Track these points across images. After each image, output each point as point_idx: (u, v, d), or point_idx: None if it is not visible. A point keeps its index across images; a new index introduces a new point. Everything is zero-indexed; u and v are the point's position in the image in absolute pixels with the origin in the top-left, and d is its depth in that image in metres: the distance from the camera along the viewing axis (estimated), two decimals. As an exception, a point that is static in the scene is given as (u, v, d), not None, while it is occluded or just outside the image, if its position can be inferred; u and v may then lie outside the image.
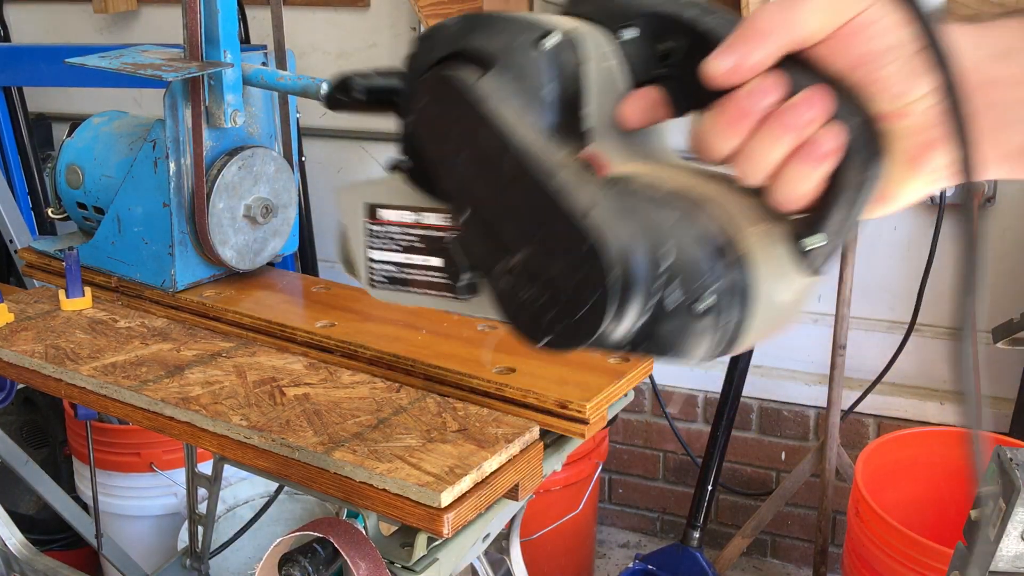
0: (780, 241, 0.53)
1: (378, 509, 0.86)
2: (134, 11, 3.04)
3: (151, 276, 1.30)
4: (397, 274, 0.71)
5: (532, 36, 0.57)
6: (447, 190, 0.61)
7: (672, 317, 0.52)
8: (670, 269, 0.51)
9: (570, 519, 2.37)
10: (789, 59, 0.50)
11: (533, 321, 0.55)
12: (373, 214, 0.71)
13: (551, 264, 0.54)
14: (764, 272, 0.53)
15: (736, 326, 0.53)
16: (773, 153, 0.50)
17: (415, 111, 0.61)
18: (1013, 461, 1.07)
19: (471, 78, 0.58)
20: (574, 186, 0.53)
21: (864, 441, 2.46)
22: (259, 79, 1.27)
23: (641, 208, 0.52)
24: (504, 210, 0.56)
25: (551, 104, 0.57)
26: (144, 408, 1.03)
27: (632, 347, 0.53)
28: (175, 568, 1.90)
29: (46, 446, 2.61)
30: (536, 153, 0.54)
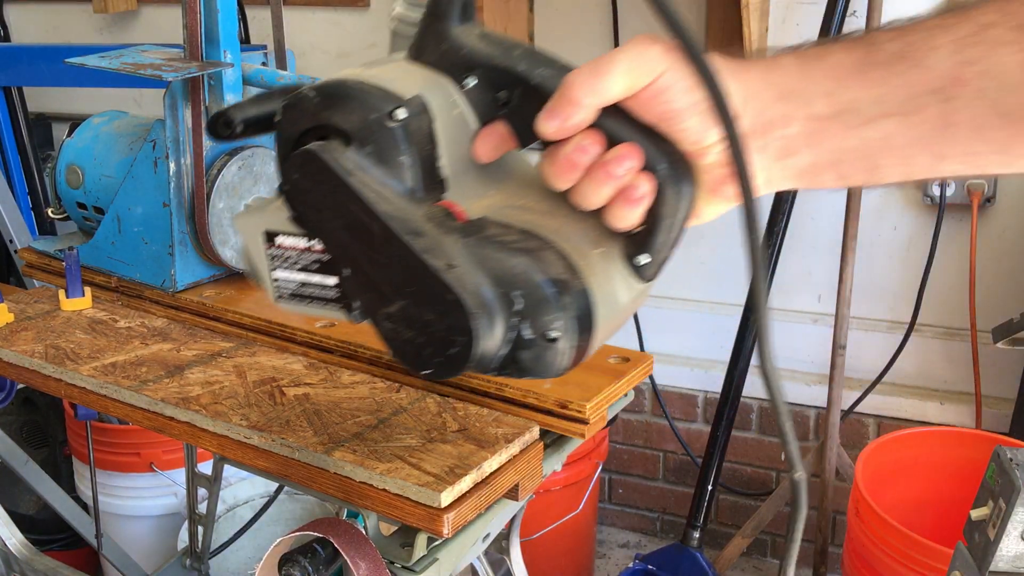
0: (616, 260, 0.65)
1: (378, 509, 0.86)
2: (134, 11, 3.04)
3: (151, 276, 1.30)
4: (298, 291, 0.77)
5: (384, 110, 0.64)
6: (327, 249, 0.69)
7: (529, 345, 0.62)
8: (522, 309, 0.61)
9: (570, 519, 2.37)
10: (610, 110, 0.60)
11: (415, 356, 0.65)
12: (271, 240, 0.76)
13: (424, 312, 0.63)
14: (603, 293, 0.64)
15: (584, 341, 0.64)
16: (599, 196, 0.61)
17: (289, 183, 0.67)
18: (1013, 461, 1.07)
19: (335, 153, 0.64)
20: (436, 244, 0.62)
21: (864, 441, 2.46)
22: (259, 79, 1.27)
23: (494, 256, 0.62)
24: (379, 268, 0.64)
25: (409, 167, 0.65)
26: (144, 408, 1.03)
27: (499, 372, 0.64)
28: (175, 568, 1.90)
29: (46, 446, 2.61)
30: (400, 218, 0.63)
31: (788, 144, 0.58)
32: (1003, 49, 0.53)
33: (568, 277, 0.62)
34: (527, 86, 0.63)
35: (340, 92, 0.66)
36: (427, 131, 0.65)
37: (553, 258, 0.63)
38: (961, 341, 2.34)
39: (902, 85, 0.56)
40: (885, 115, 0.56)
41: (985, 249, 2.28)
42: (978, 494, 1.12)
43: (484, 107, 0.67)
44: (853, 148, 0.58)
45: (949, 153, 0.56)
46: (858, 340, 2.41)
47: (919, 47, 0.55)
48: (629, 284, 0.66)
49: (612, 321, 0.66)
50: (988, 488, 1.10)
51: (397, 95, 0.65)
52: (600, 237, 0.65)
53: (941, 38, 0.55)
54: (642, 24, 2.44)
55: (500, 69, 0.65)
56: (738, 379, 2.27)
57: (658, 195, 0.61)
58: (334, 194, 0.64)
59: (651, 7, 0.56)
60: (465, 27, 0.67)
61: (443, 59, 0.67)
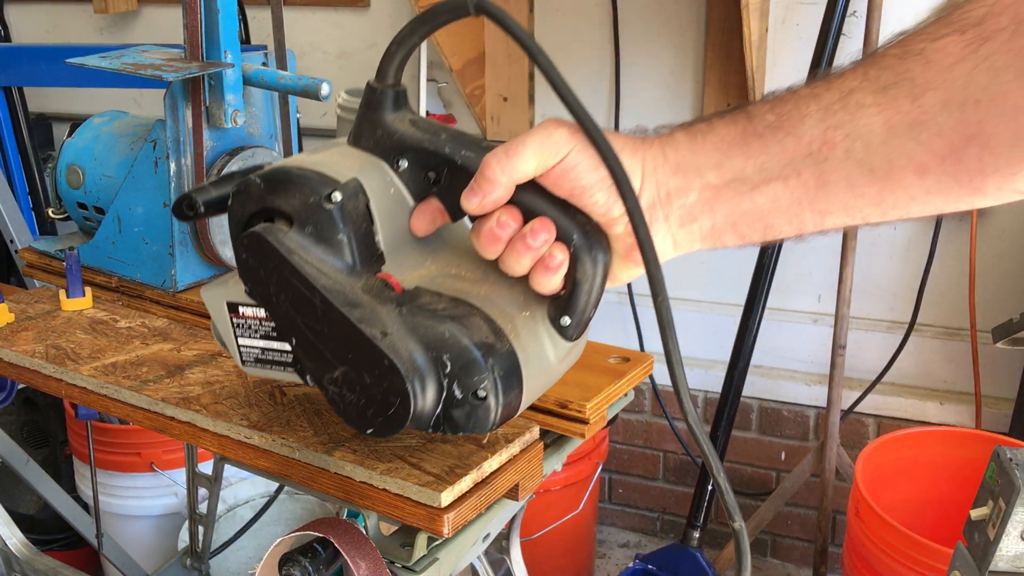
0: (541, 322, 0.72)
1: (378, 509, 0.86)
2: (134, 11, 3.04)
3: (151, 276, 1.30)
4: (261, 356, 0.85)
5: (322, 193, 0.70)
6: (274, 321, 0.75)
7: (460, 404, 0.69)
8: (451, 371, 0.68)
9: (570, 519, 2.37)
10: (526, 187, 0.67)
11: (358, 417, 0.71)
12: (235, 310, 0.84)
13: (363, 376, 0.69)
14: (528, 353, 0.71)
15: (513, 397, 0.70)
16: (521, 265, 0.68)
17: (239, 261, 0.74)
18: (1013, 461, 1.07)
19: (279, 234, 0.71)
20: (372, 314, 0.69)
21: (864, 441, 2.46)
22: (259, 79, 1.27)
23: (425, 324, 0.69)
24: (321, 338, 0.71)
25: (347, 244, 0.71)
26: (145, 408, 1.03)
27: (435, 428, 0.71)
28: (175, 568, 1.90)
29: (46, 446, 2.61)
30: (338, 291, 0.69)
31: (688, 212, 0.65)
32: (865, 111, 0.59)
33: (494, 340, 0.69)
34: (453, 166, 0.70)
35: (283, 178, 0.72)
36: (363, 211, 0.72)
37: (480, 323, 0.69)
38: (961, 341, 2.34)
39: (779, 152, 0.62)
40: (768, 180, 0.63)
41: (985, 249, 2.28)
42: (978, 494, 1.12)
43: (417, 186, 0.73)
44: (746, 211, 0.64)
45: (830, 210, 0.62)
46: (858, 340, 2.41)
47: (792, 116, 0.62)
48: (556, 343, 0.73)
49: (541, 378, 0.73)
50: (988, 488, 1.10)
51: (334, 179, 0.71)
52: (527, 302, 0.72)
53: (811, 106, 0.61)
54: (642, 24, 2.44)
55: (429, 151, 0.71)
56: (738, 379, 2.27)
57: (575, 263, 0.68)
58: (279, 271, 0.71)
59: (555, 92, 0.65)
60: (397, 114, 0.74)
61: (378, 144, 0.74)
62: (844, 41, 2.17)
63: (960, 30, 0.57)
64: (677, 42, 2.43)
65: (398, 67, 0.73)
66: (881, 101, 0.58)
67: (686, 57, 2.43)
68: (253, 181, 0.73)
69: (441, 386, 0.69)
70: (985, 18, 0.56)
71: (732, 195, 0.64)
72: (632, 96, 2.50)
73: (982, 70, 0.55)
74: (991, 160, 0.56)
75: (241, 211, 0.75)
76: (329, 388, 0.72)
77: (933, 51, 0.57)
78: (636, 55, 2.48)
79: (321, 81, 1.21)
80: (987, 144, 0.56)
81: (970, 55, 0.56)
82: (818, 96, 0.61)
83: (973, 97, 0.55)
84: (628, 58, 2.48)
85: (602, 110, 2.54)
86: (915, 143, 0.58)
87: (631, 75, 2.49)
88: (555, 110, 2.57)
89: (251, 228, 0.72)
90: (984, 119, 0.55)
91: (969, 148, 0.56)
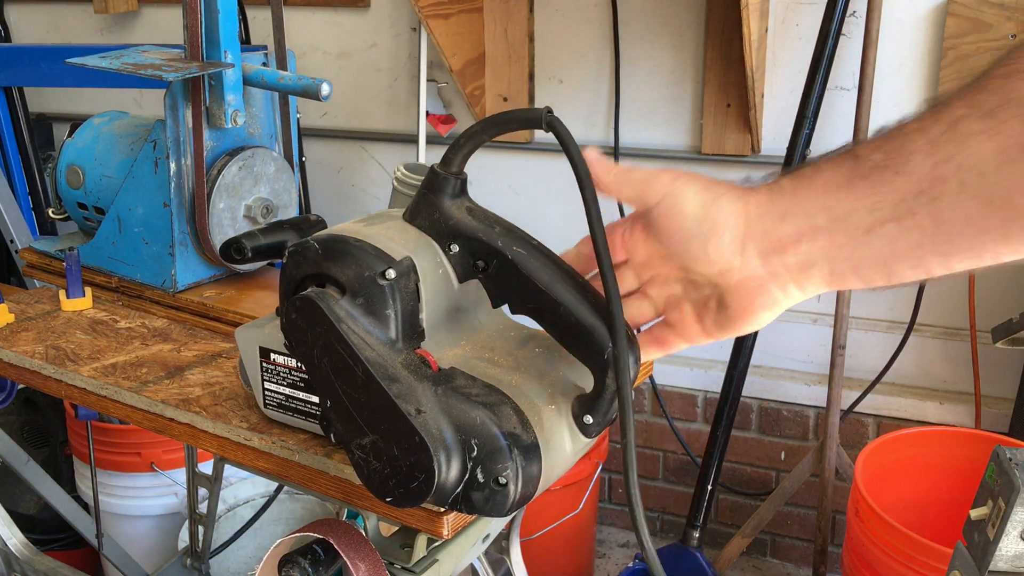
0: (565, 416, 0.75)
1: (378, 510, 0.86)
2: (134, 11, 3.04)
3: (151, 276, 1.30)
4: (285, 403, 0.90)
5: (377, 269, 0.74)
6: (312, 381, 0.77)
7: (481, 488, 0.72)
8: (477, 456, 0.71)
9: (570, 519, 2.37)
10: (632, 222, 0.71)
11: (380, 485, 0.74)
12: (267, 356, 0.88)
13: (392, 448, 0.72)
14: (550, 446, 0.74)
15: (531, 487, 0.73)
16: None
17: (287, 319, 0.77)
18: (1012, 461, 1.07)
19: (330, 301, 0.74)
20: (409, 390, 0.72)
21: (864, 441, 2.46)
22: (259, 79, 1.27)
23: (459, 407, 0.72)
24: (357, 404, 0.73)
25: (394, 319, 0.75)
26: (144, 409, 1.03)
27: (452, 506, 0.74)
28: (175, 568, 1.90)
29: (47, 446, 2.61)
30: (380, 364, 0.73)
31: (806, 259, 0.63)
32: (974, 139, 0.55)
33: (520, 431, 0.72)
34: (504, 259, 0.74)
35: (341, 248, 0.76)
36: (413, 289, 0.76)
37: (509, 412, 0.73)
38: (961, 341, 2.34)
39: (889, 192, 0.59)
40: (881, 222, 0.59)
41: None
42: (977, 494, 1.12)
43: (464, 270, 0.77)
44: (864, 256, 0.61)
45: (952, 250, 0.58)
46: (858, 340, 2.41)
47: (899, 154, 0.58)
48: (575, 438, 0.76)
49: (556, 468, 0.76)
50: (987, 488, 1.10)
51: (389, 256, 0.75)
52: (554, 395, 0.76)
53: (918, 141, 0.58)
54: (642, 25, 2.44)
55: (482, 241, 0.75)
56: (738, 379, 2.27)
57: (602, 371, 0.71)
58: (325, 336, 0.74)
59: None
60: (455, 201, 0.77)
61: (433, 225, 0.77)
62: (844, 41, 2.17)
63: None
64: (677, 42, 2.43)
65: (463, 158, 0.76)
66: (991, 126, 0.55)
67: (686, 57, 2.43)
68: (312, 246, 0.77)
69: (465, 468, 0.72)
70: None
71: (846, 241, 0.61)
72: (632, 96, 2.50)
73: None
74: None
75: (295, 271, 0.78)
76: (356, 452, 0.75)
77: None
78: (636, 55, 2.48)
79: (321, 81, 1.21)
80: None
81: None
82: (925, 129, 0.58)
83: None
84: (628, 58, 2.48)
85: (602, 110, 2.54)
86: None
87: (631, 75, 2.49)
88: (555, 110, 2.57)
89: (303, 291, 0.76)
90: None
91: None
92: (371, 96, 2.78)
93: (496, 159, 2.67)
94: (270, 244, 0.85)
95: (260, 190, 1.33)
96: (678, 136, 2.49)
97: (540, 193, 2.66)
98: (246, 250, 0.84)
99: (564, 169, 1.91)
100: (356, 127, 2.83)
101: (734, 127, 2.38)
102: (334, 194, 2.91)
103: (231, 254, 0.85)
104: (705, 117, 2.41)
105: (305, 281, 0.78)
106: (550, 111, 0.73)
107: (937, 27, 2.18)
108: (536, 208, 2.65)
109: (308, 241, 0.77)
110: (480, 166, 2.68)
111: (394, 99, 2.76)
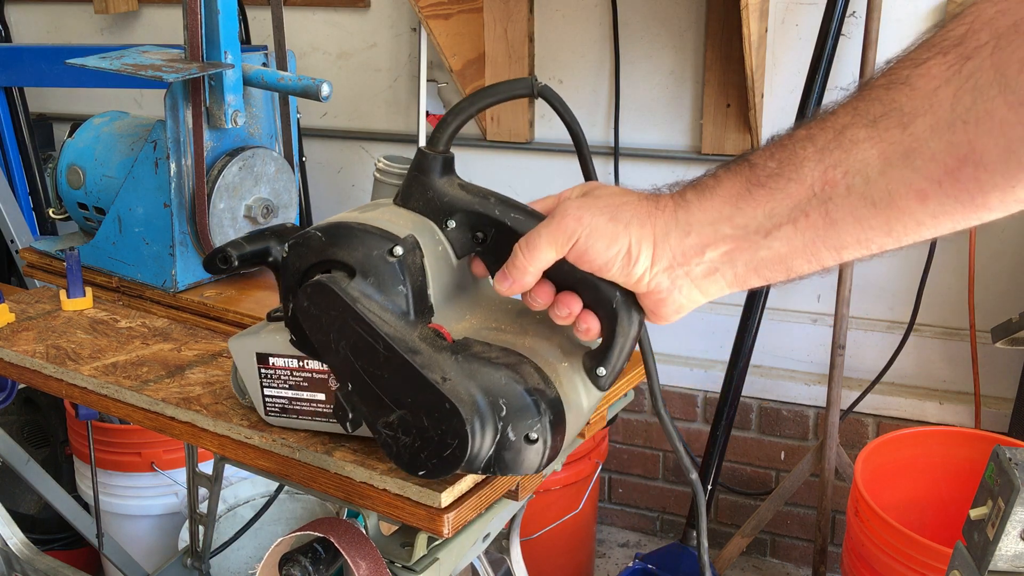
0: (579, 371, 0.78)
1: (378, 509, 0.87)
2: (135, 12, 3.04)
3: (152, 276, 1.31)
4: (288, 406, 0.90)
5: (385, 248, 0.75)
6: (331, 367, 0.78)
7: (512, 447, 0.73)
8: (507, 415, 0.72)
9: (570, 519, 2.37)
10: (557, 265, 0.72)
11: (411, 460, 0.74)
12: (265, 361, 0.88)
13: (421, 419, 0.72)
14: (570, 400, 0.76)
15: (557, 441, 0.74)
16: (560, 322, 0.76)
17: (299, 310, 0.77)
18: (1012, 461, 1.07)
19: (343, 283, 0.75)
20: (431, 360, 0.73)
21: (863, 441, 2.46)
22: (259, 80, 1.27)
23: (481, 370, 0.73)
24: (380, 382, 0.74)
25: (405, 295, 0.76)
26: (145, 408, 1.03)
27: (485, 470, 0.74)
28: (176, 567, 1.90)
29: (47, 446, 2.61)
30: (400, 338, 0.73)
31: (709, 266, 0.69)
32: (860, 146, 0.60)
33: (544, 387, 0.74)
34: (503, 227, 0.76)
35: (345, 232, 0.77)
36: (419, 265, 0.77)
37: (531, 370, 0.74)
38: (960, 341, 2.34)
39: (785, 198, 0.64)
40: (779, 226, 0.65)
41: (984, 249, 2.28)
42: (977, 494, 1.12)
43: (462, 245, 0.79)
44: (764, 258, 0.67)
45: (844, 244, 0.65)
46: (857, 340, 2.41)
47: (791, 161, 0.64)
48: (589, 392, 0.79)
49: (577, 423, 0.78)
50: (987, 488, 1.10)
51: (394, 235, 0.76)
52: (565, 353, 0.78)
53: (808, 149, 0.63)
54: (642, 25, 2.45)
55: (479, 214, 0.77)
56: (738, 379, 2.27)
57: (612, 321, 0.73)
58: (342, 319, 0.74)
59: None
60: (446, 179, 0.79)
61: (428, 205, 0.79)
62: (843, 41, 2.17)
63: (943, 51, 0.57)
64: (677, 42, 2.43)
65: (450, 136, 0.78)
66: (874, 134, 0.60)
67: (686, 57, 2.43)
68: (314, 234, 0.78)
69: (496, 429, 0.73)
70: (966, 36, 0.56)
71: (748, 245, 0.67)
72: (632, 96, 2.50)
73: (966, 90, 0.55)
74: (987, 177, 0.56)
75: (299, 262, 0.79)
76: (383, 432, 0.75)
77: (917, 77, 0.58)
78: (636, 55, 2.48)
79: (321, 81, 1.21)
80: (980, 162, 0.56)
81: (954, 76, 0.56)
82: (813, 137, 0.63)
83: (960, 118, 0.56)
84: (628, 58, 2.48)
85: (602, 110, 2.54)
86: (911, 171, 0.59)
87: (631, 75, 2.49)
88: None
89: (311, 279, 0.76)
90: (973, 138, 0.56)
91: (964, 168, 0.57)
92: (371, 96, 2.78)
93: (496, 159, 2.67)
94: (256, 251, 0.86)
95: (260, 190, 1.33)
96: (678, 136, 2.49)
97: (540, 193, 2.65)
98: (232, 259, 0.85)
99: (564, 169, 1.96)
100: (356, 127, 2.83)
101: (734, 127, 2.39)
102: (334, 194, 2.91)
103: (217, 264, 0.86)
104: (705, 117, 2.41)
105: (311, 270, 0.78)
106: (536, 78, 0.75)
107: (937, 27, 2.18)
108: (536, 208, 2.65)
109: (310, 231, 0.78)
110: (480, 166, 2.69)
111: (394, 99, 2.76)
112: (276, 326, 0.87)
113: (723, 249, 0.68)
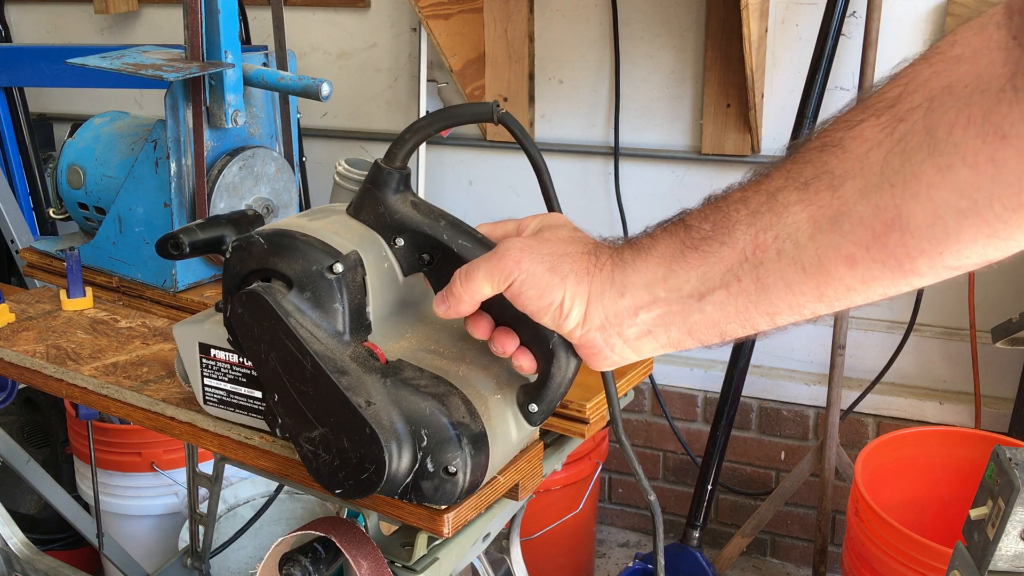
0: (511, 405, 0.77)
1: (379, 509, 0.86)
2: (135, 11, 3.04)
3: (152, 276, 1.31)
4: (226, 398, 0.88)
5: (324, 264, 0.74)
6: (259, 375, 0.77)
7: (431, 477, 0.73)
8: (427, 446, 0.72)
9: (570, 519, 2.37)
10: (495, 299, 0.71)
11: (329, 477, 0.74)
12: (207, 352, 0.86)
13: (342, 440, 0.72)
14: (497, 434, 0.75)
15: (479, 475, 0.75)
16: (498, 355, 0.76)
17: (233, 314, 0.76)
18: (1012, 461, 1.07)
19: (278, 295, 0.74)
20: (358, 383, 0.72)
21: (864, 441, 2.46)
22: (260, 79, 1.27)
23: (408, 398, 0.73)
24: (305, 398, 0.73)
25: (341, 313, 0.75)
26: (145, 408, 1.03)
27: (403, 497, 0.75)
28: (176, 567, 1.90)
29: (47, 446, 2.61)
30: (329, 357, 0.73)
31: (642, 328, 0.68)
32: (791, 210, 0.59)
33: (469, 421, 0.73)
34: (449, 252, 0.75)
35: (287, 243, 0.76)
36: (360, 283, 0.76)
37: (458, 403, 0.74)
38: (960, 341, 2.34)
39: (717, 262, 0.63)
40: (712, 290, 0.64)
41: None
42: (977, 494, 1.12)
43: (409, 264, 0.78)
44: (697, 322, 0.66)
45: (777, 310, 0.63)
46: (857, 340, 2.41)
47: (724, 224, 0.63)
48: (520, 426, 0.78)
49: (503, 456, 0.78)
50: (987, 488, 1.10)
51: (336, 250, 0.75)
52: (500, 384, 0.77)
53: (741, 212, 0.62)
54: (642, 25, 2.45)
55: (427, 235, 0.76)
56: (738, 379, 2.27)
57: (550, 359, 0.73)
58: (273, 331, 0.74)
59: None
60: (399, 195, 0.78)
61: (378, 220, 0.78)
62: (843, 41, 2.17)
63: (876, 113, 0.56)
64: (677, 43, 2.43)
65: (408, 152, 0.77)
66: (804, 197, 0.58)
67: (686, 57, 2.43)
68: (257, 240, 0.76)
69: (415, 458, 0.73)
70: (900, 98, 0.55)
71: (681, 309, 0.66)
72: (632, 96, 2.50)
73: (896, 153, 0.54)
74: (914, 243, 0.55)
75: (240, 266, 0.78)
76: (304, 446, 0.74)
77: (850, 139, 0.56)
78: (636, 55, 2.48)
79: (321, 81, 1.21)
80: (907, 228, 0.54)
81: (885, 139, 0.55)
82: (747, 200, 0.62)
83: (888, 182, 0.54)
84: (628, 58, 2.48)
85: (602, 110, 2.54)
86: (839, 235, 0.57)
87: (631, 75, 2.49)
88: (555, 110, 2.58)
89: (249, 286, 0.75)
90: (900, 203, 0.54)
91: (891, 234, 0.55)
92: (371, 96, 2.78)
93: (496, 159, 2.67)
94: (208, 239, 0.84)
95: (260, 190, 1.33)
96: (678, 136, 2.49)
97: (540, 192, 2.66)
98: (184, 245, 0.83)
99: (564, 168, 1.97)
100: (356, 127, 2.83)
101: (734, 127, 2.39)
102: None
103: (168, 249, 0.84)
104: (705, 117, 2.41)
105: (250, 276, 0.77)
106: (497, 105, 0.75)
107: (937, 27, 2.18)
108: (536, 207, 2.64)
109: (253, 236, 0.77)
110: (480, 166, 2.69)
111: (394, 99, 2.76)
112: (221, 317, 0.85)
113: (656, 312, 0.67)
